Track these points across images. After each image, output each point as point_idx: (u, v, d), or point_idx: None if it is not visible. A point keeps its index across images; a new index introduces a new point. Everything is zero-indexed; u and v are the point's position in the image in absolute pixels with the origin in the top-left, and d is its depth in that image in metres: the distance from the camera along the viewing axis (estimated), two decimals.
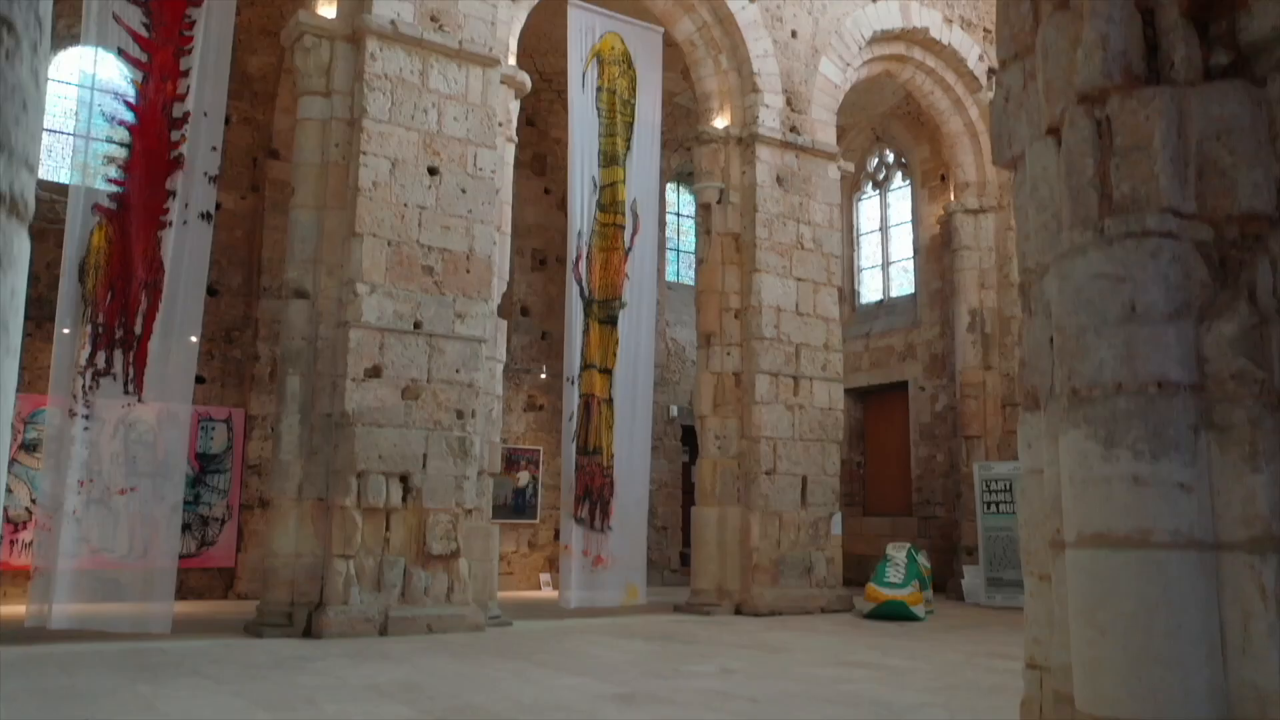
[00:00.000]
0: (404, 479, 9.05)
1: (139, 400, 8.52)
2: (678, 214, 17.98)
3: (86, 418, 8.32)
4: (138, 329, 8.51)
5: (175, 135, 8.79)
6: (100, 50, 9.00)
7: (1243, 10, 2.93)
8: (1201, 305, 2.75)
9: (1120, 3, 2.93)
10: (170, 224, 8.69)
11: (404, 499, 9.03)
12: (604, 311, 10.95)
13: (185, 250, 8.73)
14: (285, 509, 8.86)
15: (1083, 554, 2.74)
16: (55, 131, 12.76)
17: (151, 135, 8.68)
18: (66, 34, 12.69)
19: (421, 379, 9.22)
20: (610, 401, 10.89)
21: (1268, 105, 2.83)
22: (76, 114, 12.64)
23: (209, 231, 8.92)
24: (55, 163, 12.74)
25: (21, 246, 1.31)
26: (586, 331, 10.85)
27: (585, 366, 10.79)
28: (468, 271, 9.59)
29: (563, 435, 10.91)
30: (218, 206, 12.70)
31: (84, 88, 12.64)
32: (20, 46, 1.30)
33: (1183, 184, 2.81)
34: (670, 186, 17.53)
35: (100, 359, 8.37)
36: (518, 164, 13.63)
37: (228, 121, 13.00)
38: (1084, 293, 2.81)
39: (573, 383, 10.73)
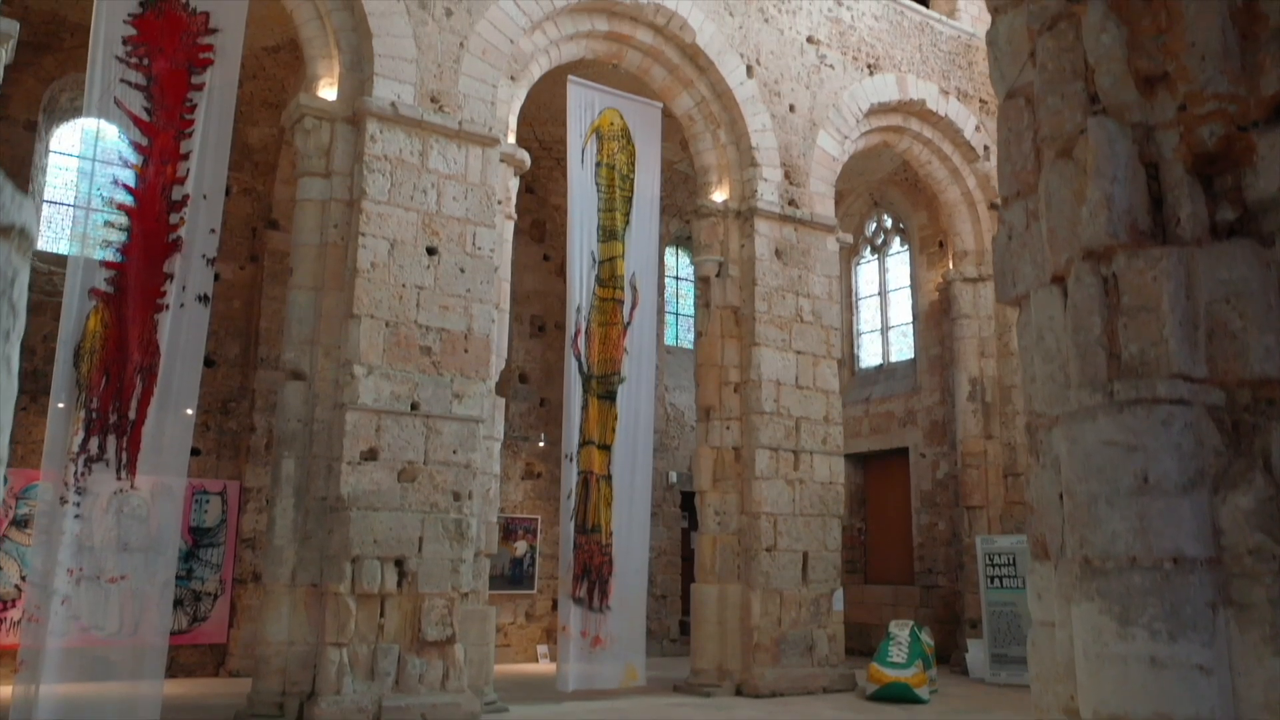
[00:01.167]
0: (399, 563, 8.91)
1: (132, 486, 8.41)
2: (676, 278, 18.00)
3: (78, 504, 8.20)
4: (132, 413, 8.43)
5: (174, 218, 8.79)
6: (102, 122, 9.06)
7: (1248, 167, 2.90)
8: (1216, 474, 2.68)
9: (1124, 160, 2.90)
10: (167, 307, 8.65)
11: (399, 584, 8.88)
12: (603, 387, 10.88)
13: (181, 333, 8.68)
14: (278, 595, 8.71)
15: None
16: (54, 203, 12.78)
17: (150, 218, 8.68)
18: (69, 107, 12.80)
19: (418, 461, 9.13)
20: (609, 478, 10.78)
21: (1277, 266, 2.78)
22: (76, 185, 12.70)
23: (206, 314, 8.87)
24: (55, 234, 12.75)
25: None
26: (585, 407, 10.77)
27: (584, 443, 10.69)
28: (466, 351, 9.54)
29: (561, 513, 10.78)
30: (216, 277, 12.72)
31: (84, 159, 12.73)
32: None
33: (1193, 347, 2.76)
34: (669, 250, 17.57)
35: (93, 445, 8.28)
36: (516, 231, 13.67)
37: (228, 193, 13.06)
38: (1094, 459, 2.74)
39: (571, 459, 10.63)
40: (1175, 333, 2.74)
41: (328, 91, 9.55)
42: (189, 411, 8.99)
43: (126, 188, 8.71)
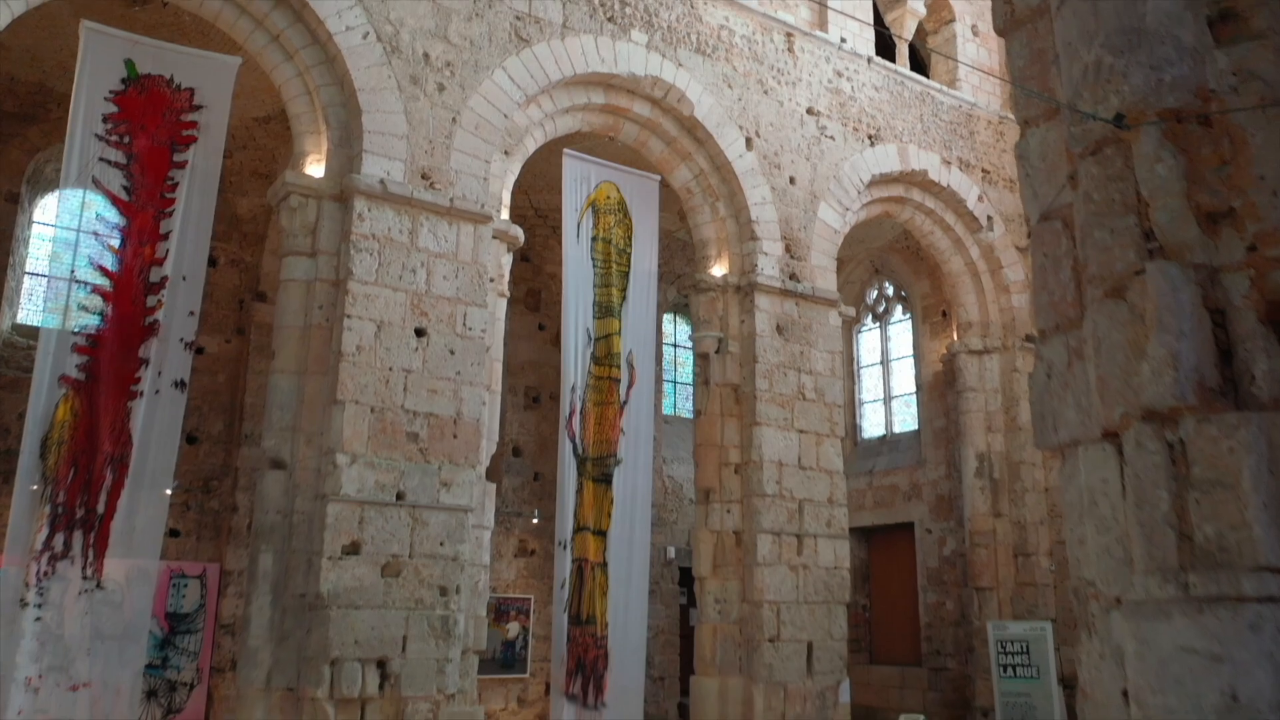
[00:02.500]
0: (381, 664, 8.41)
1: (98, 586, 7.93)
2: (674, 345, 17.66)
3: (39, 606, 7.72)
4: (100, 507, 7.99)
5: (151, 300, 8.44)
6: (85, 194, 8.75)
7: None
8: None
9: (1190, 311, 2.53)
10: (141, 394, 8.26)
11: (381, 686, 8.37)
12: (598, 469, 10.45)
13: (156, 421, 8.27)
14: (251, 700, 8.20)
15: None
16: (36, 274, 12.46)
17: (126, 301, 8.33)
18: (54, 178, 12.53)
19: (403, 554, 8.66)
20: (604, 565, 10.29)
21: None
22: (52, 257, 12.37)
23: (182, 400, 8.48)
24: (36, 307, 12.40)
25: None
26: (580, 491, 10.32)
27: (578, 529, 10.22)
28: (455, 436, 9.13)
29: (554, 605, 10.28)
30: (200, 351, 12.37)
31: (63, 228, 12.43)
32: None
33: None
34: (667, 318, 17.25)
35: (58, 541, 7.82)
36: (511, 300, 13.35)
37: (214, 264, 12.79)
38: (1171, 669, 2.34)
39: (565, 547, 10.15)
40: (1259, 516, 2.35)
41: (315, 168, 9.26)
42: (165, 495, 8.59)
43: (102, 269, 8.37)
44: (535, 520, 14.48)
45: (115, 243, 8.39)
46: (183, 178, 8.73)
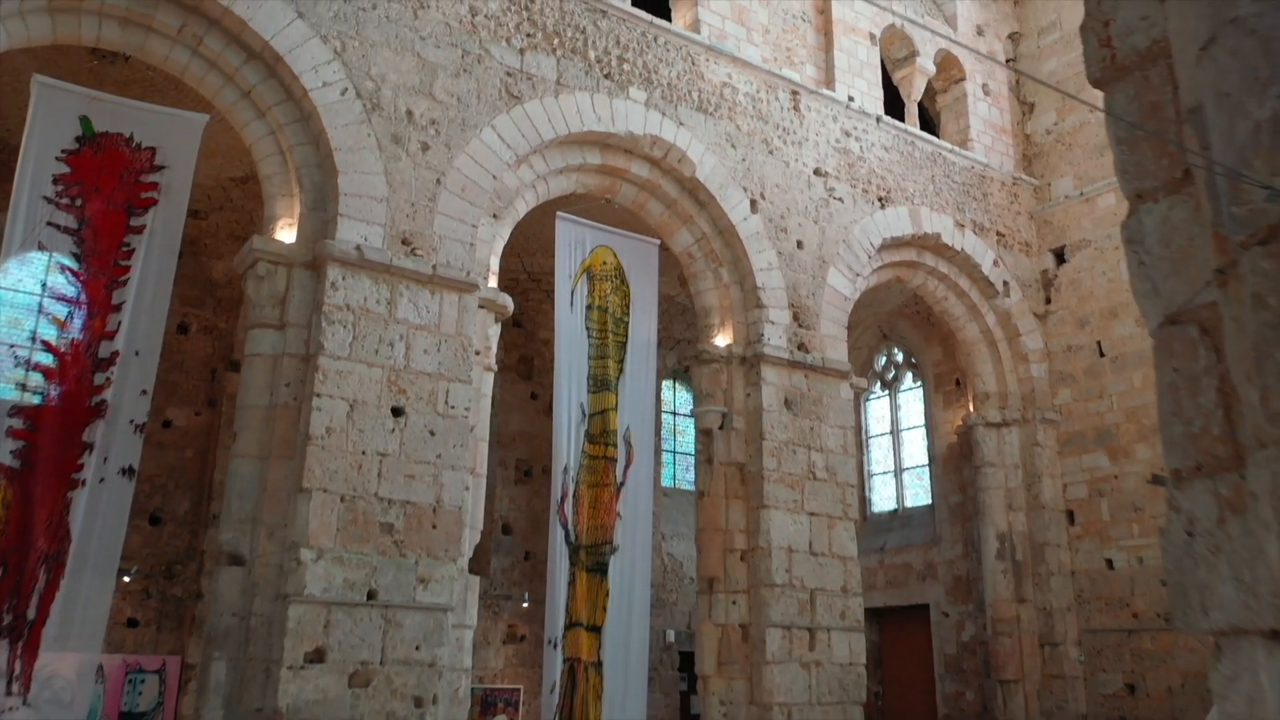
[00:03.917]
0: None
1: (25, 704, 7.02)
2: (673, 413, 16.86)
3: None
4: (31, 613, 7.11)
5: (99, 378, 7.65)
6: (51, 258, 8.08)
7: None
8: None
9: None
10: (84, 483, 7.42)
11: None
12: (592, 558, 9.58)
13: (99, 513, 7.43)
14: None
15: None
16: None
17: (71, 379, 7.54)
18: None
19: (373, 661, 7.76)
20: (599, 665, 9.37)
21: None
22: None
23: (130, 490, 7.65)
24: None
25: None
26: (572, 582, 9.44)
27: (570, 625, 9.33)
28: (434, 527, 8.28)
29: (543, 711, 9.33)
30: (166, 424, 11.57)
31: (24, 292, 11.70)
32: None
33: None
34: (666, 384, 16.48)
35: None
36: (502, 368, 12.59)
37: (186, 331, 12.05)
38: None
39: (555, 645, 9.24)
40: None
41: (286, 233, 8.55)
42: (108, 589, 7.72)
43: (46, 344, 7.59)
44: (525, 604, 13.54)
45: (61, 314, 7.63)
46: (139, 243, 8.01)
